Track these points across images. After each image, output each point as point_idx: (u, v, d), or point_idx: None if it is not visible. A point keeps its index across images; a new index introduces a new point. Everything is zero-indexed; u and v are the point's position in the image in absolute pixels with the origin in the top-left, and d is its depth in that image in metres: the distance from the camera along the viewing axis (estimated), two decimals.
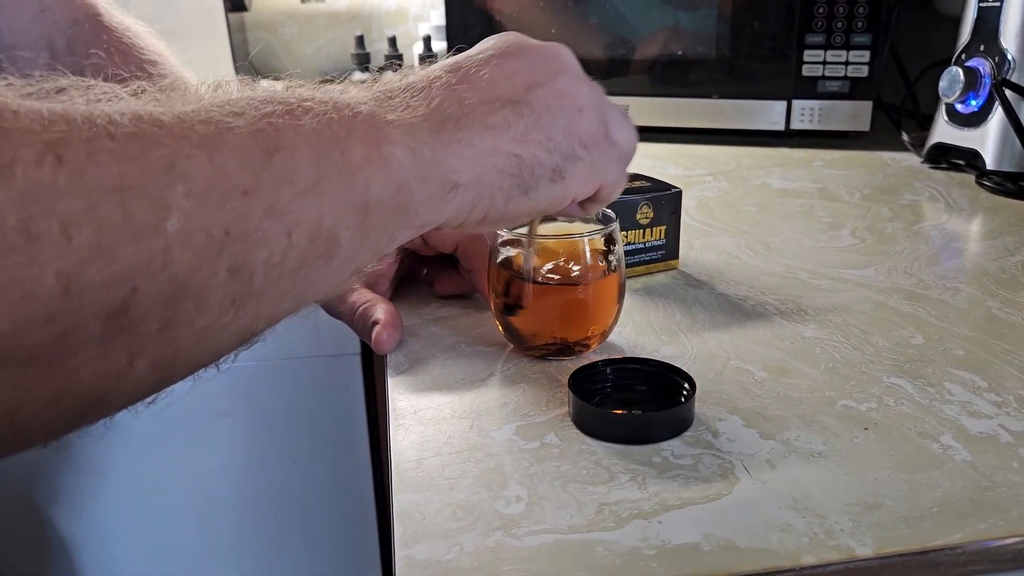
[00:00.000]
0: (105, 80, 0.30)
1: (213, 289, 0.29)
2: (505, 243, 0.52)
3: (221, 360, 0.33)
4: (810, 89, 1.11)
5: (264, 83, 0.36)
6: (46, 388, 0.26)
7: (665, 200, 0.65)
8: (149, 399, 0.31)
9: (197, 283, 0.28)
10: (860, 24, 1.07)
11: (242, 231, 0.29)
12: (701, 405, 0.46)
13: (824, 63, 1.09)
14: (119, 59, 0.59)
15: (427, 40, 1.39)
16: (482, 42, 0.43)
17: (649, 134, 1.16)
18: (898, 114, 1.16)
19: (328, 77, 0.40)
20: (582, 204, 0.45)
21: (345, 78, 0.40)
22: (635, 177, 0.68)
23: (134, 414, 0.31)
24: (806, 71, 1.10)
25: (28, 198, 0.24)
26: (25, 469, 1.10)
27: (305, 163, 0.31)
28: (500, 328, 0.53)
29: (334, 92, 0.36)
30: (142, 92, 0.31)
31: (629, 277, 0.64)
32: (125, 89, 0.31)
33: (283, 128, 0.32)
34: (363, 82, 0.39)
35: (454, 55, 0.42)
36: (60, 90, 0.29)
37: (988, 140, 0.93)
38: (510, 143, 0.39)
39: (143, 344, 0.27)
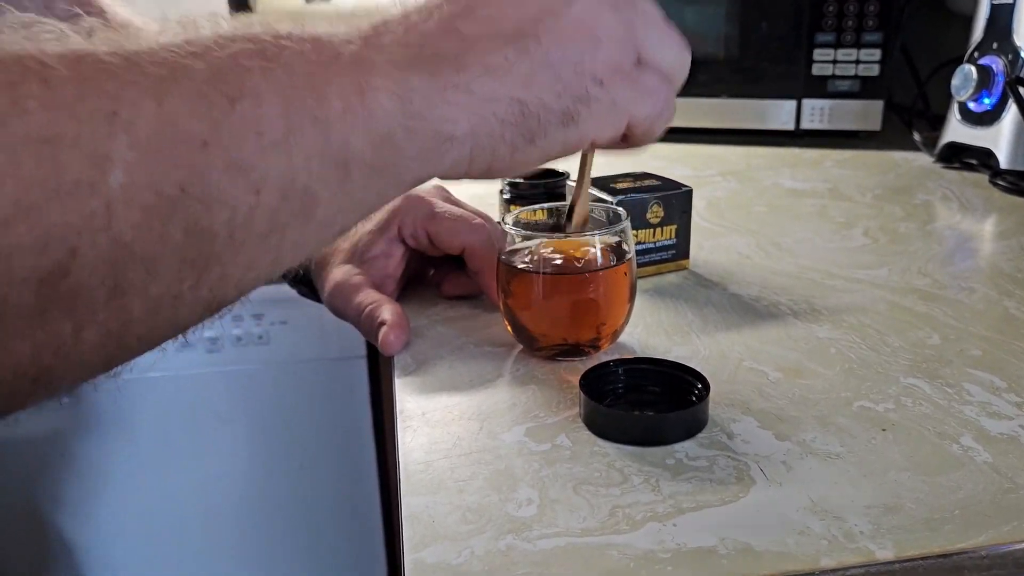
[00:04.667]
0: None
1: (167, 252, 0.26)
2: (514, 250, 0.51)
3: (185, 332, 0.30)
4: (820, 88, 1.10)
5: (242, 18, 0.32)
6: None
7: (676, 199, 0.64)
8: (105, 375, 0.28)
9: (147, 245, 0.25)
10: (871, 23, 1.06)
11: (199, 187, 0.26)
12: (715, 406, 0.45)
13: (834, 62, 1.08)
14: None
15: None
16: None
17: None
18: (909, 113, 1.15)
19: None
20: (625, 142, 0.41)
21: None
22: (645, 176, 0.67)
23: (94, 389, 0.29)
24: (816, 70, 1.09)
25: None
26: (27, 473, 1.09)
27: (274, 112, 0.28)
28: (509, 329, 0.52)
29: (319, 28, 0.32)
30: (94, 32, 0.28)
31: (639, 277, 0.63)
32: (74, 28, 0.27)
33: (251, 71, 0.28)
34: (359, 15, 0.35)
35: None
36: None
37: (1001, 139, 0.92)
38: (512, 87, 0.35)
39: (89, 313, 0.25)
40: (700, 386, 0.44)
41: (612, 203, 0.60)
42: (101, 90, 0.25)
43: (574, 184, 0.49)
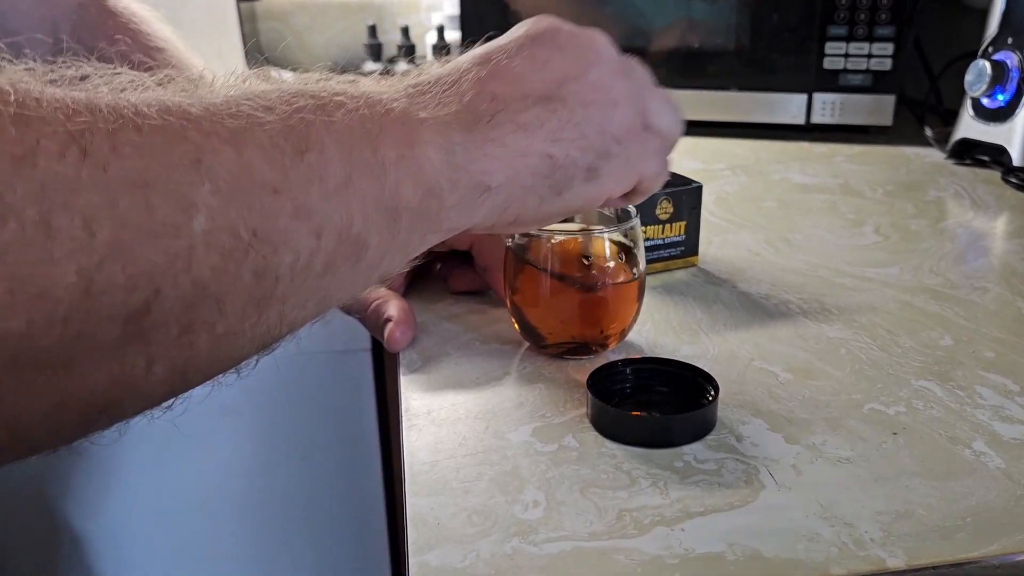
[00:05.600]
0: (131, 68, 0.29)
1: (236, 293, 0.27)
2: (521, 246, 0.50)
3: (239, 366, 0.31)
4: (831, 82, 1.09)
5: (289, 76, 0.35)
6: (52, 394, 0.24)
7: (685, 195, 0.63)
8: (163, 405, 0.29)
9: (221, 286, 0.27)
10: (884, 16, 1.04)
11: (269, 232, 0.28)
12: (724, 407, 0.44)
13: (846, 55, 1.07)
14: (125, 45, 0.58)
15: (440, 30, 1.38)
16: (515, 27, 0.41)
17: None
18: (922, 109, 1.14)
19: (341, 68, 0.38)
20: (622, 197, 0.43)
21: (358, 69, 0.38)
22: None
23: (149, 420, 0.29)
24: (827, 64, 1.08)
25: (49, 191, 0.22)
26: (37, 466, 1.09)
27: (336, 161, 0.30)
28: (516, 326, 0.52)
29: (365, 86, 0.35)
30: (169, 82, 0.30)
31: (648, 274, 0.62)
32: (152, 78, 0.29)
33: (314, 124, 0.30)
34: (389, 74, 0.38)
35: (483, 44, 0.40)
36: (84, 77, 0.27)
37: (1015, 136, 0.91)
38: (543, 143, 0.37)
39: (161, 349, 0.26)
40: (710, 387, 0.44)
41: None
42: (186, 138, 0.26)
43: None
